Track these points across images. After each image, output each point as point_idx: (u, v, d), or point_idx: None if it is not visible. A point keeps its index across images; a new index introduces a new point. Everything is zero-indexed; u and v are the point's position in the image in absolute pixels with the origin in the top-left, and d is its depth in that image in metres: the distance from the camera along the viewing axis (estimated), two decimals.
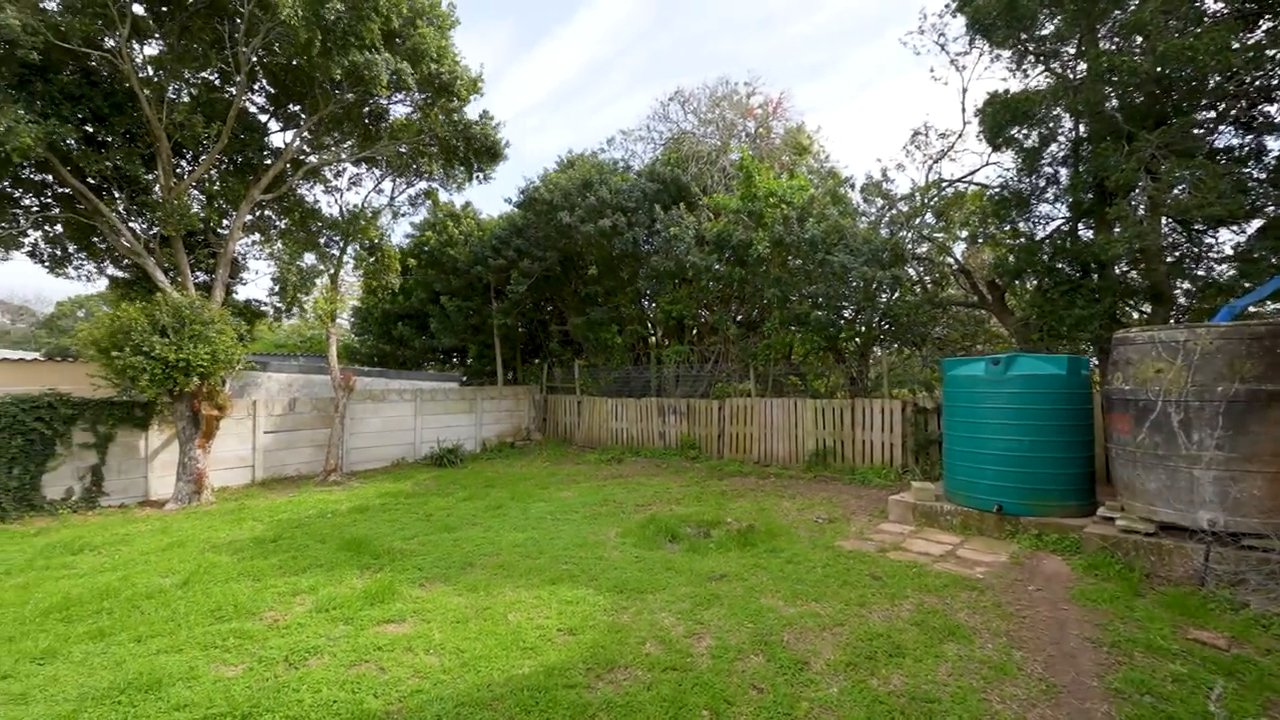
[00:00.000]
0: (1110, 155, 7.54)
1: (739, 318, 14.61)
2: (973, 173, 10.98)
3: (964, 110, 10.68)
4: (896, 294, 11.28)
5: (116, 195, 10.38)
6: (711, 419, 12.92)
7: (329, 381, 12.92)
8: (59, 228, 10.63)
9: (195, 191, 11.16)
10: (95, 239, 10.67)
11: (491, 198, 47.79)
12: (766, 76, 22.35)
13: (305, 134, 11.66)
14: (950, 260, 11.57)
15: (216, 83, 10.87)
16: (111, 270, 11.00)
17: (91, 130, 9.45)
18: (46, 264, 10.50)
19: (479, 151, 12.67)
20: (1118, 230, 7.71)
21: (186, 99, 10.48)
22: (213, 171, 11.35)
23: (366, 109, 12.00)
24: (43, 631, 4.48)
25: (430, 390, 14.91)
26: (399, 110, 12.48)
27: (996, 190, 9.88)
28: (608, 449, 14.49)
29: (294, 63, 10.15)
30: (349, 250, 13.63)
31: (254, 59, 10.33)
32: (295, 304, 12.69)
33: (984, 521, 6.75)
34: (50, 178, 9.79)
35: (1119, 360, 6.00)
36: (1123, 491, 5.94)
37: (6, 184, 9.73)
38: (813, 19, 48.56)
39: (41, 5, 7.70)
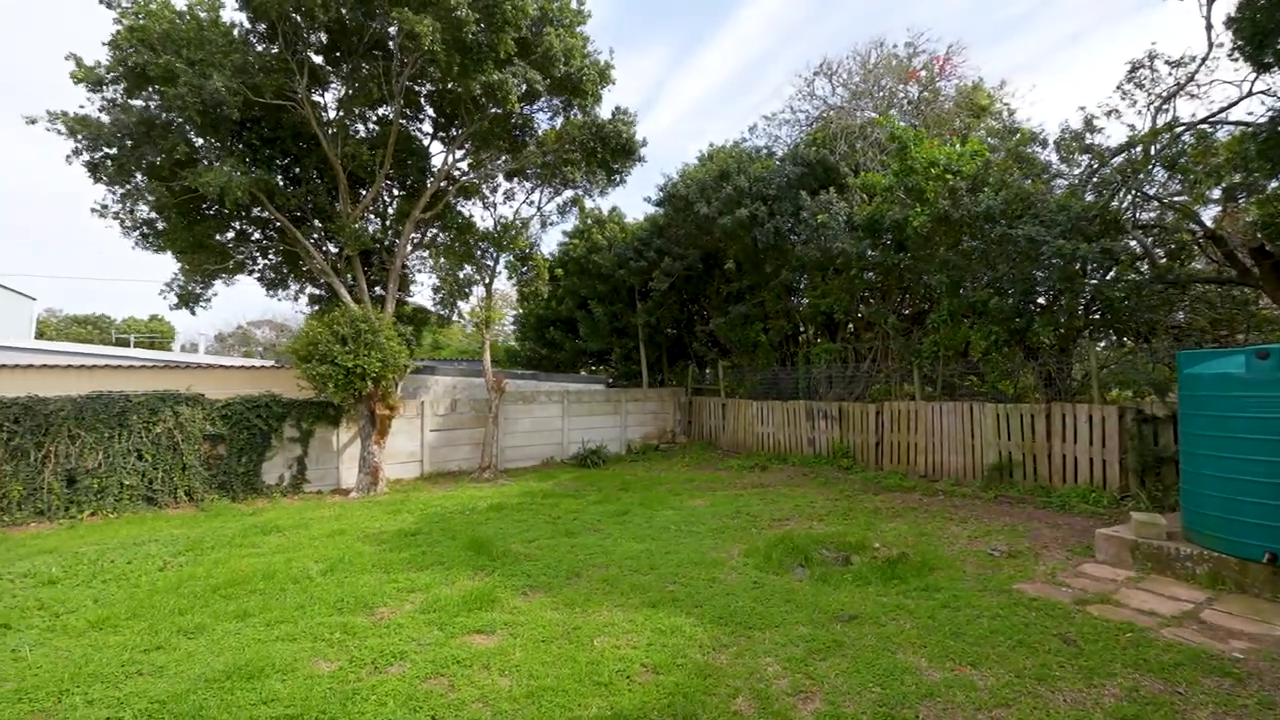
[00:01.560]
0: None
1: (907, 310, 12.86)
2: (1225, 108, 8.36)
3: (1209, 27, 8.13)
4: (1112, 272, 9.00)
5: (317, 223, 12.07)
6: (868, 425, 11.49)
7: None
8: (278, 257, 12.66)
9: (372, 216, 12.62)
10: (300, 263, 12.51)
11: (638, 202, 48.68)
12: (930, 33, 19.57)
13: (458, 152, 12.55)
14: (1194, 226, 8.97)
15: (390, 116, 12.16)
16: (310, 289, 12.84)
17: (288, 169, 11.04)
18: (266, 287, 12.53)
19: (615, 151, 12.66)
20: None
21: (363, 133, 11.89)
22: (386, 195, 12.74)
23: (512, 121, 12.60)
24: (205, 607, 5.06)
25: (577, 392, 15.31)
26: (540, 118, 12.98)
27: (1264, 126, 7.36)
28: (752, 454, 13.65)
29: (448, 87, 10.95)
30: (502, 260, 14.48)
31: (414, 87, 11.41)
32: (454, 311, 13.78)
33: (1246, 574, 4.90)
34: (269, 214, 11.66)
35: None
36: None
37: (239, 223, 11.82)
38: None
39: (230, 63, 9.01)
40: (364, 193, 12.48)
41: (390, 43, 10.15)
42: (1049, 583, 5.38)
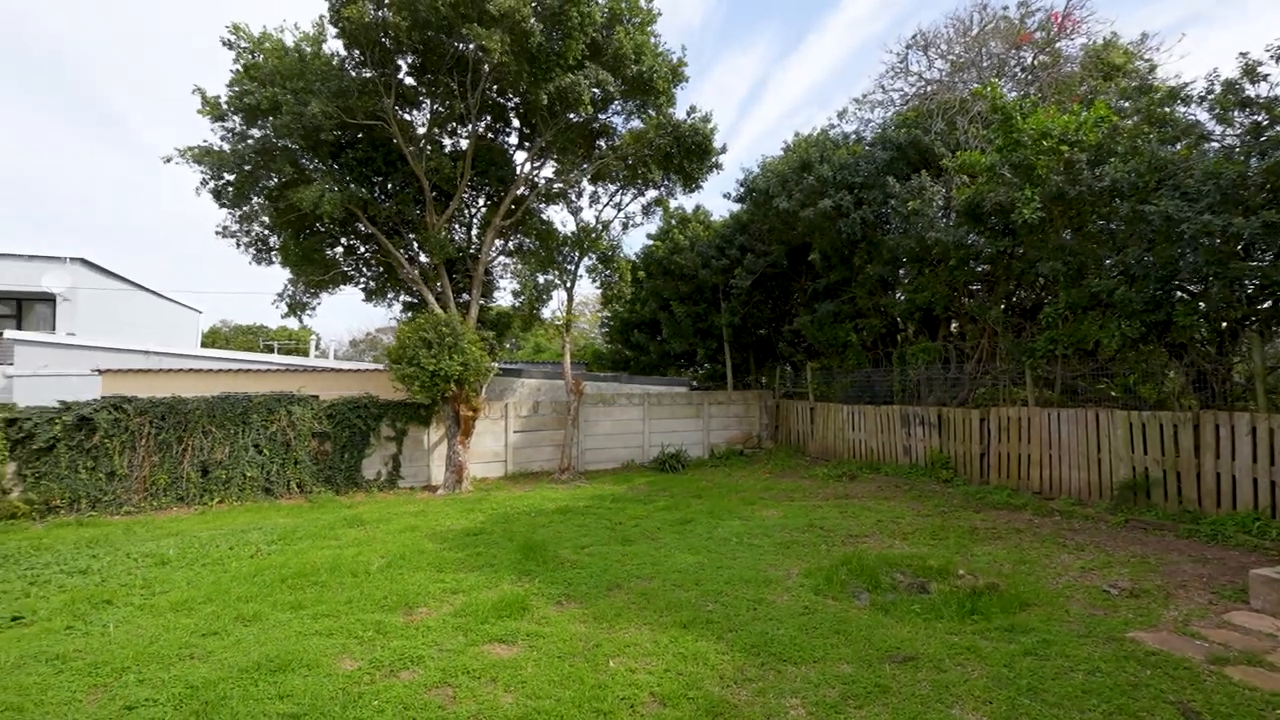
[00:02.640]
0: None
1: (1028, 304, 11.27)
2: None
3: None
4: None
5: (411, 236, 12.85)
6: (971, 433, 10.27)
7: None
8: (379, 267, 13.64)
9: (458, 226, 13.22)
10: (396, 274, 13.38)
11: (725, 199, 47.36)
12: None
13: (536, 161, 12.82)
14: None
15: (478, 130, 12.66)
16: (404, 297, 13.69)
17: (382, 185, 11.82)
18: (366, 296, 13.53)
19: (690, 151, 12.34)
20: None
21: (449, 147, 12.50)
22: (471, 206, 13.31)
23: (592, 128, 12.65)
24: (269, 596, 5.42)
25: (657, 395, 15.12)
26: (616, 122, 12.95)
27: None
28: (841, 462, 12.72)
29: (530, 99, 11.15)
30: (583, 264, 14.60)
31: (502, 101, 11.82)
32: (536, 315, 14.12)
33: None
34: (368, 230, 12.57)
35: None
36: None
37: (344, 239, 12.87)
38: None
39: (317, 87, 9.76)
40: (452, 204, 13.15)
41: (469, 58, 10.56)
42: (1178, 632, 4.40)
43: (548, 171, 13.84)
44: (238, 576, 6.03)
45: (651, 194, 14.83)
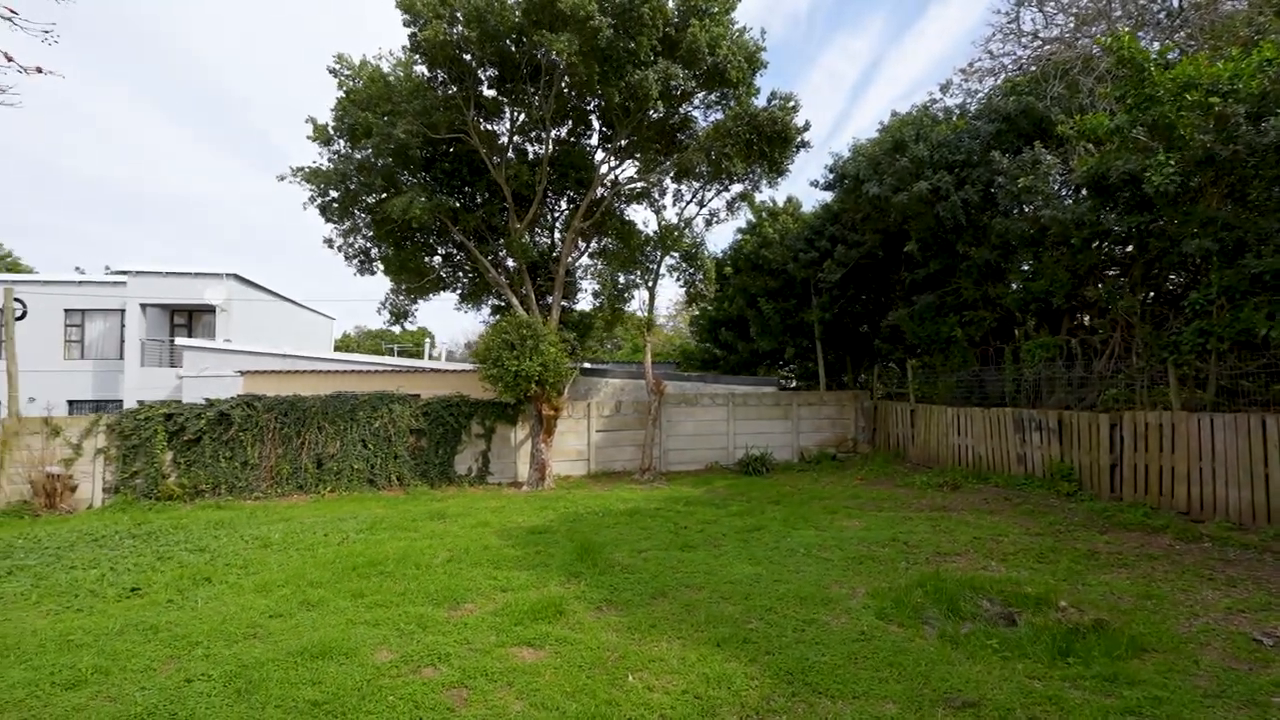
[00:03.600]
0: None
1: (1175, 291, 9.59)
2: None
3: None
4: None
5: (499, 241, 13.40)
6: (1099, 441, 8.90)
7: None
8: (473, 273, 14.37)
9: (541, 230, 13.58)
10: (487, 279, 14.03)
11: (813, 187, 44.22)
12: None
13: (614, 160, 12.85)
14: None
15: (561, 135, 12.94)
16: (493, 301, 14.30)
17: (470, 195, 12.41)
18: (460, 300, 14.29)
19: (770, 140, 11.79)
20: None
21: (531, 154, 12.88)
22: (554, 210, 13.62)
23: (670, 123, 12.47)
24: (337, 583, 5.79)
25: (742, 395, 14.65)
26: (695, 115, 12.67)
27: None
28: (945, 470, 11.57)
29: (605, 99, 11.20)
30: (665, 263, 14.46)
31: (583, 106, 12.01)
32: (617, 315, 14.17)
33: None
34: (459, 238, 13.26)
35: None
36: None
37: (440, 248, 13.68)
38: None
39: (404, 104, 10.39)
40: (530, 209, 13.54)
41: (541, 61, 10.79)
42: None
43: (629, 171, 13.87)
44: (319, 562, 6.52)
45: (736, 188, 14.40)
